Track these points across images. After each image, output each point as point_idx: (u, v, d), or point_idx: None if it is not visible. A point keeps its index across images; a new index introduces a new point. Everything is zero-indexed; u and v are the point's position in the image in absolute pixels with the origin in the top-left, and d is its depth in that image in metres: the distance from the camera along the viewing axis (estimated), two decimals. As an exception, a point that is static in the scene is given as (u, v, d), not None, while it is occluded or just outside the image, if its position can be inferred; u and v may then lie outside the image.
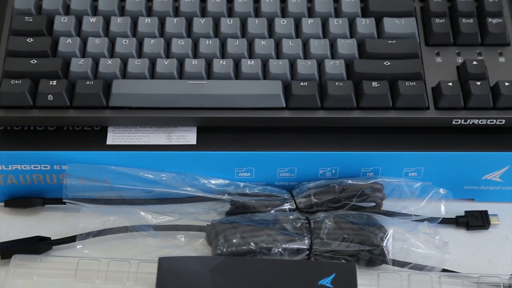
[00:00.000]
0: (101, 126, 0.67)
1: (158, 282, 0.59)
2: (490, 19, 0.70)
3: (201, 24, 0.69)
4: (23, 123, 0.66)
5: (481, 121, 0.66)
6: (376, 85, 0.66)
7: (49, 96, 0.65)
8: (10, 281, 0.62)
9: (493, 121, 0.66)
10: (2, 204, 0.68)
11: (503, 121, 0.66)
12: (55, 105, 0.65)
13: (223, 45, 0.69)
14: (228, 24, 0.69)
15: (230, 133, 0.67)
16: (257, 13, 0.71)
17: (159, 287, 0.59)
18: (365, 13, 0.71)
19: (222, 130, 0.67)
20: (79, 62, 0.66)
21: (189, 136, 0.67)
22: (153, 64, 0.67)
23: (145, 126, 0.67)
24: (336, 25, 0.70)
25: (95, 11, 0.70)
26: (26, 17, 0.69)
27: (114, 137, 0.67)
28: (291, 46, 0.68)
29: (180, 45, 0.68)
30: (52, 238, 0.65)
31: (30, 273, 0.63)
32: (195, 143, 0.67)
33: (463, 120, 0.66)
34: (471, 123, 0.66)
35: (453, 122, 0.66)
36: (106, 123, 0.66)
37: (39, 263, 0.63)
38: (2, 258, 0.64)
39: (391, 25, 0.69)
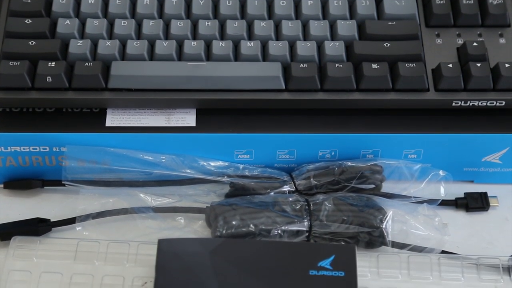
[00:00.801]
0: (100, 108, 0.67)
1: (157, 264, 0.59)
2: (490, 0, 0.69)
3: (200, 5, 0.69)
4: (22, 104, 0.66)
5: (481, 103, 0.66)
6: (376, 67, 0.66)
7: (48, 77, 0.64)
8: (10, 262, 0.62)
9: (493, 103, 0.66)
10: (2, 186, 0.68)
11: (503, 102, 0.66)
12: (54, 86, 0.65)
13: (222, 27, 0.69)
14: (227, 5, 0.69)
15: (230, 115, 0.67)
16: (257, -6, 0.71)
17: (158, 269, 0.59)
18: (365, -6, 0.70)
19: (222, 112, 0.67)
20: (78, 44, 0.66)
21: (189, 118, 0.67)
22: (152, 45, 0.67)
23: (144, 108, 0.67)
24: (336, 6, 0.69)
25: (93, -8, 0.70)
26: (24, -2, 0.69)
27: (113, 119, 0.67)
28: (290, 27, 0.68)
29: (179, 26, 0.68)
30: (51, 220, 0.65)
31: (30, 254, 0.63)
32: (194, 125, 0.66)
33: (463, 102, 0.66)
34: (471, 104, 0.66)
35: (453, 104, 0.66)
36: (105, 105, 0.66)
37: (38, 244, 0.63)
38: (1, 239, 0.64)
39: (391, 6, 0.69)
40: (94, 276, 0.61)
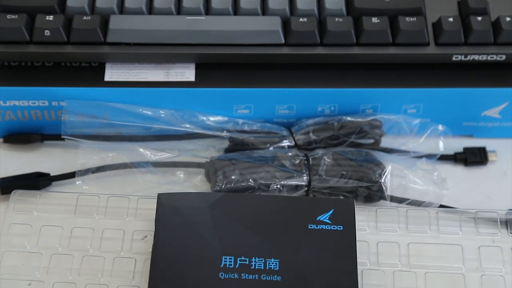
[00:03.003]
0: (98, 62, 0.67)
1: (157, 218, 0.59)
2: (492, -48, 0.69)
3: (199, -42, 0.68)
4: (20, 58, 0.66)
5: (482, 57, 0.65)
6: (376, 21, 0.65)
7: (46, 31, 0.64)
8: (10, 215, 0.62)
9: (493, 57, 0.65)
10: (1, 140, 0.68)
11: (504, 56, 0.65)
12: (52, 40, 0.64)
13: (221, -20, 0.68)
14: (227, -42, 0.68)
15: (229, 69, 0.67)
16: None
17: (158, 223, 0.59)
18: None
19: (221, 67, 0.67)
20: (76, -3, 0.66)
21: (188, 73, 0.67)
22: (150, -1, 0.67)
23: (143, 62, 0.67)
24: (336, -41, 0.69)
25: None
26: (21, -50, 0.68)
27: (112, 73, 0.66)
28: (290, -20, 0.68)
29: (178, -21, 0.67)
30: (51, 174, 0.66)
31: (30, 208, 0.63)
32: (193, 79, 0.66)
33: (463, 56, 0.65)
34: (471, 59, 0.66)
35: (453, 58, 0.66)
36: (103, 59, 0.66)
37: (38, 198, 0.64)
38: (2, 193, 0.64)
39: (392, -41, 0.68)
40: (94, 230, 0.62)
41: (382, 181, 0.63)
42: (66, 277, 0.59)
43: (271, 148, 0.66)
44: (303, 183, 0.64)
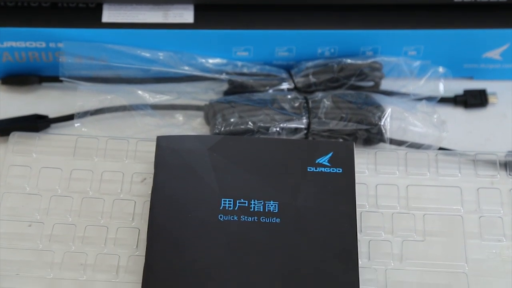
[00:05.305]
0: (96, 3, 0.66)
1: (156, 160, 0.59)
2: None
3: None
4: (16, -2, 0.65)
5: (484, -3, 0.65)
6: (377, -39, 0.65)
7: (42, -29, 0.63)
8: (10, 157, 0.62)
9: (495, -3, 0.65)
10: (-1, 81, 0.68)
11: (506, -4, 0.65)
12: (49, -20, 0.64)
13: None
14: None
15: (228, 11, 0.66)
16: None
17: (157, 165, 0.59)
18: None
19: (220, 8, 0.66)
20: None
21: (186, 14, 0.66)
22: None
23: (141, 3, 0.66)
24: None
25: None
26: None
27: (109, 14, 0.66)
28: None
29: None
30: (49, 116, 0.65)
31: (29, 150, 0.63)
32: (192, 21, 0.66)
33: (465, -4, 0.65)
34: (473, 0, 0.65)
35: (455, -1, 0.65)
36: (101, -1, 0.66)
37: (37, 140, 0.63)
38: (0, 135, 0.64)
39: None
40: (94, 172, 0.62)
41: (382, 123, 0.63)
42: (65, 218, 0.60)
43: (270, 91, 0.66)
44: (303, 126, 0.63)
